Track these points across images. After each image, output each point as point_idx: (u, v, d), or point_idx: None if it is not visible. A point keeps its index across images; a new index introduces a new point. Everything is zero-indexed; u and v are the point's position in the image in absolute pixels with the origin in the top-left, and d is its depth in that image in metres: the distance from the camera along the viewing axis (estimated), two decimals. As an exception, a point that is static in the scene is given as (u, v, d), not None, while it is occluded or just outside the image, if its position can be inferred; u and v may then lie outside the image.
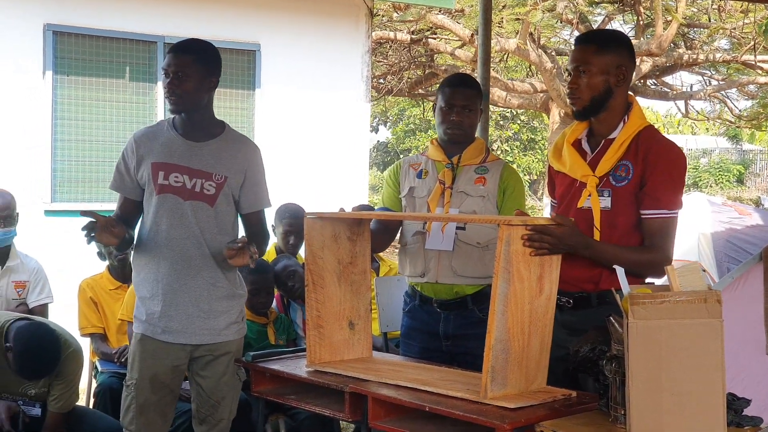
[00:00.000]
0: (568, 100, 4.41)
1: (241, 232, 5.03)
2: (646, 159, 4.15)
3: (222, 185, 4.81)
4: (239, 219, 5.03)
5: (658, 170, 4.13)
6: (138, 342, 4.92)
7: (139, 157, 4.85)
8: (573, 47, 4.45)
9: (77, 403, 5.77)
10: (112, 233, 4.62)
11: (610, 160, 4.22)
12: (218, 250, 4.76)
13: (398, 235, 5.23)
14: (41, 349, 5.21)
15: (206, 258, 4.80)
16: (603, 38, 4.38)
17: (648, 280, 4.16)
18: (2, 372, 5.40)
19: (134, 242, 4.91)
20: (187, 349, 4.87)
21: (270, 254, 7.06)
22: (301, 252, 5.57)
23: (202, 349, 4.88)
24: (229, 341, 4.93)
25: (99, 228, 4.55)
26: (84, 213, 4.58)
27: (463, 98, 5.01)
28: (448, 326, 5.00)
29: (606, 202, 4.20)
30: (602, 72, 4.23)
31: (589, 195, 4.23)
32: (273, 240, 7.23)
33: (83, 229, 4.53)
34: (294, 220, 7.09)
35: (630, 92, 4.42)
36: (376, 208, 5.27)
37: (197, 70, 4.77)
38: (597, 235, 4.18)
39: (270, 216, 7.44)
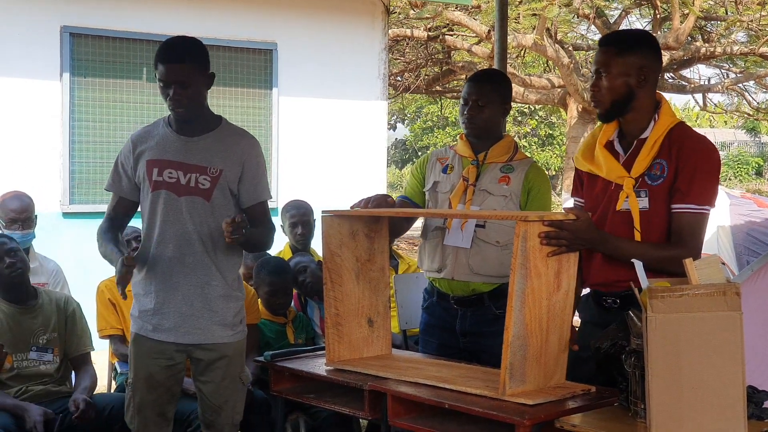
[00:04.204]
0: (591, 103, 4.37)
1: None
2: (679, 155, 4.10)
3: (217, 179, 4.74)
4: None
5: (689, 165, 4.07)
6: (132, 341, 4.92)
7: (136, 156, 4.82)
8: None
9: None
10: (131, 269, 4.63)
11: (645, 160, 4.17)
12: (219, 245, 4.73)
13: (421, 228, 5.23)
14: None
15: (200, 256, 4.74)
16: (624, 40, 4.31)
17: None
18: (13, 324, 5.57)
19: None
20: (182, 348, 4.83)
21: (286, 253, 7.08)
22: (318, 249, 5.56)
23: (198, 352, 4.82)
24: (225, 344, 4.83)
25: (127, 275, 4.59)
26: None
27: (476, 93, 5.00)
28: (464, 323, 5.00)
29: (644, 202, 4.14)
30: (622, 74, 4.17)
31: (627, 197, 4.20)
32: (286, 240, 7.27)
33: (118, 283, 4.58)
34: (297, 211, 7.22)
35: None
36: (394, 196, 5.26)
37: (198, 74, 4.69)
38: (638, 236, 4.12)
39: (277, 220, 7.48)
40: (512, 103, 5.47)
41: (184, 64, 4.66)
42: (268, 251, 6.80)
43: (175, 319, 4.77)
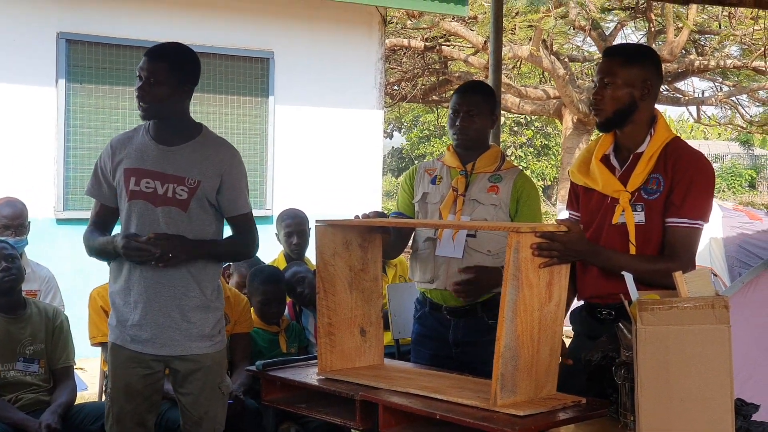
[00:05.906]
0: (592, 112, 4.39)
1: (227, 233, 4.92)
2: (675, 169, 4.12)
3: (195, 189, 4.68)
4: (224, 224, 4.92)
5: (684, 180, 4.09)
6: (109, 351, 4.89)
7: (115, 163, 4.77)
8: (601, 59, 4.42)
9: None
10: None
11: (641, 175, 4.18)
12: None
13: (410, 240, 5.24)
14: None
15: (178, 267, 4.68)
16: (630, 51, 4.35)
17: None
18: (1, 334, 5.57)
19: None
20: (160, 358, 4.78)
21: (280, 262, 7.07)
22: (312, 258, 5.57)
23: (176, 362, 4.78)
24: (203, 354, 4.79)
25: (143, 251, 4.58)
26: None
27: (467, 104, 5.01)
28: (457, 333, 5.01)
29: (640, 216, 4.15)
30: (627, 85, 4.19)
31: (623, 211, 4.21)
32: (281, 248, 7.26)
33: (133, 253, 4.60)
34: (292, 221, 7.22)
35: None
36: (389, 214, 5.27)
37: (171, 77, 4.63)
38: (633, 250, 4.14)
39: (272, 229, 7.47)
40: (509, 114, 5.51)
41: (161, 63, 4.63)
42: (261, 260, 6.83)
43: (153, 330, 4.72)
